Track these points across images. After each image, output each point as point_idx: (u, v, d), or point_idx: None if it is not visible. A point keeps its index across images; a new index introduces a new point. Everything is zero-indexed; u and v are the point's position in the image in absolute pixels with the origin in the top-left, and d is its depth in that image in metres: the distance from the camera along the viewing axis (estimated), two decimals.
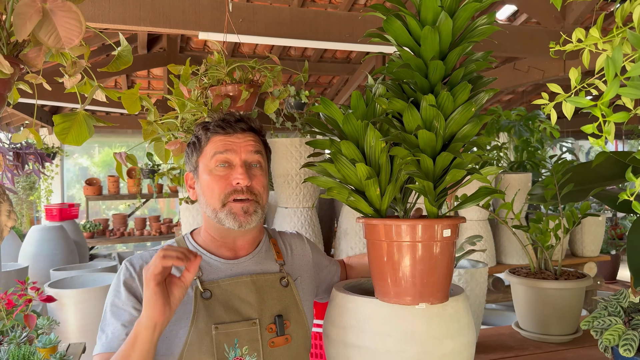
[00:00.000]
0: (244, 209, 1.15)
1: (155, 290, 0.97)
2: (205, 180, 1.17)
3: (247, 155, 1.17)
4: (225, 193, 1.15)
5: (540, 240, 1.77)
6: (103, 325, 1.10)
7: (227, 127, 1.17)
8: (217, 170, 1.16)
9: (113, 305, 1.11)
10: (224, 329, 1.11)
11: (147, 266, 0.99)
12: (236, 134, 1.18)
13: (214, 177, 1.16)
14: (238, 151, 1.17)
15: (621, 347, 1.18)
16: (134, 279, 1.13)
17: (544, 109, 0.91)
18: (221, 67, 1.73)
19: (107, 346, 1.07)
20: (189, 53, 5.88)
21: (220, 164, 1.16)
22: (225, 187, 1.15)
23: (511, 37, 3.48)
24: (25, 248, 4.78)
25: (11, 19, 0.88)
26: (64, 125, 1.06)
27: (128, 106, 1.53)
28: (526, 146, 3.23)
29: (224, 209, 1.15)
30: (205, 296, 1.13)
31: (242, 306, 1.15)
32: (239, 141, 1.17)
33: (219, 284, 1.15)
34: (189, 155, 1.23)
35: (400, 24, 0.99)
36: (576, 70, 0.85)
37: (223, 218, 1.15)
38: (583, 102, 0.82)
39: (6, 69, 0.85)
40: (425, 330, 1.01)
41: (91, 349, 3.48)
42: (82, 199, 6.98)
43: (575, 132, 8.79)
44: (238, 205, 1.15)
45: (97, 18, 2.39)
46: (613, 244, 6.12)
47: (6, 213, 1.25)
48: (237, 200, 1.15)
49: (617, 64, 0.77)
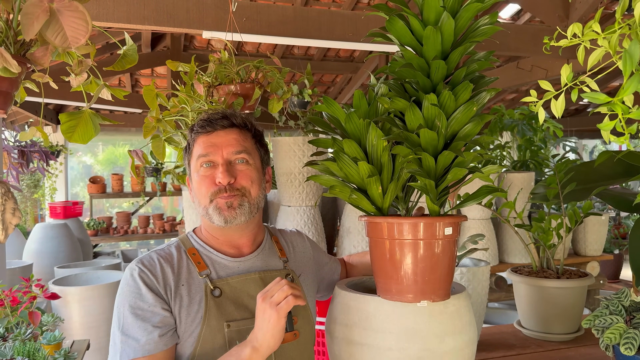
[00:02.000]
0: (227, 203, 1.16)
1: (282, 323, 1.02)
2: (195, 181, 1.20)
3: (228, 154, 1.18)
4: (212, 192, 1.17)
5: (543, 239, 1.77)
6: (125, 330, 1.07)
7: (208, 126, 1.19)
8: (202, 170, 1.18)
9: (136, 308, 1.08)
10: (235, 326, 1.12)
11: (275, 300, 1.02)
12: (217, 131, 1.19)
13: (201, 177, 1.18)
14: (219, 151, 1.18)
15: (622, 345, 1.19)
16: (152, 281, 1.11)
17: (531, 107, 0.90)
18: (231, 65, 1.74)
19: (143, 350, 1.05)
20: (192, 51, 5.89)
21: (205, 164, 1.18)
22: (210, 187, 1.17)
23: (514, 35, 3.48)
24: (30, 245, 4.81)
25: (18, 18, 0.90)
26: (70, 124, 1.07)
27: (149, 102, 1.58)
28: (529, 145, 3.22)
29: (210, 204, 1.17)
30: (215, 294, 1.14)
31: (252, 303, 1.16)
32: (221, 140, 1.18)
33: (228, 281, 1.16)
34: (184, 158, 1.27)
35: (402, 23, 1.00)
36: (568, 66, 0.84)
37: (211, 214, 1.17)
38: (600, 98, 0.80)
39: (14, 68, 0.86)
40: (427, 328, 1.02)
41: (95, 345, 3.47)
42: (86, 196, 7.02)
43: (579, 131, 8.78)
44: (222, 200, 1.16)
45: (102, 17, 2.41)
46: (616, 243, 6.10)
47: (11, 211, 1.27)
48: (221, 198, 1.17)
49: (635, 59, 0.75)
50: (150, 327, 1.07)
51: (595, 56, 0.84)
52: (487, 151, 1.07)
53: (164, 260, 1.15)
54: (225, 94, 1.75)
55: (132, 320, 1.08)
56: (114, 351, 1.08)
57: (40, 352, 1.96)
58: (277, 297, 1.02)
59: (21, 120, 6.11)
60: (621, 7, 0.84)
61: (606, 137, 0.84)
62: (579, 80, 0.84)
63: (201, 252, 1.20)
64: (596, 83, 0.84)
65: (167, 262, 1.15)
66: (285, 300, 1.02)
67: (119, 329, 1.08)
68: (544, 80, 0.91)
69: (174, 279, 1.13)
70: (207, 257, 1.19)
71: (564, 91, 0.86)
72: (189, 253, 1.19)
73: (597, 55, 0.84)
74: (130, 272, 1.13)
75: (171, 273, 1.13)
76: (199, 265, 1.17)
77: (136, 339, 1.06)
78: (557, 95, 0.87)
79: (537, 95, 0.89)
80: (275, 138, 2.22)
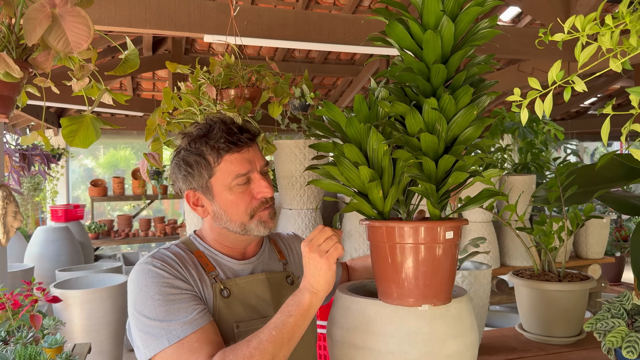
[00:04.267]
0: (270, 215, 1.18)
1: (334, 269, 1.04)
2: (227, 199, 1.15)
3: (261, 167, 1.18)
4: (253, 207, 1.16)
5: (544, 242, 1.77)
6: (162, 317, 1.04)
7: (237, 142, 1.14)
8: (238, 188, 1.15)
9: (167, 294, 1.06)
10: (244, 327, 1.12)
11: (324, 248, 1.03)
12: (246, 147, 1.16)
13: (237, 194, 1.15)
14: (255, 165, 1.16)
15: (624, 349, 1.18)
16: (173, 269, 1.10)
17: (514, 106, 0.89)
18: (237, 69, 1.75)
19: (192, 326, 1.03)
20: (193, 55, 5.91)
21: (241, 183, 1.15)
22: (251, 202, 1.15)
23: (515, 38, 3.48)
24: (31, 249, 4.82)
25: (21, 23, 0.90)
26: (71, 128, 1.07)
27: (167, 102, 1.62)
28: (530, 148, 3.22)
29: (252, 220, 1.16)
30: (224, 294, 1.14)
31: (259, 303, 1.17)
32: (251, 155, 1.16)
33: (236, 282, 1.16)
34: (191, 175, 1.16)
35: (402, 28, 1.00)
36: (557, 64, 0.83)
37: (252, 228, 1.16)
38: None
39: (16, 73, 0.87)
40: (428, 332, 1.02)
41: (96, 349, 3.46)
42: (87, 200, 7.03)
43: (580, 134, 8.78)
44: (265, 212, 1.17)
45: (104, 21, 2.41)
46: (618, 246, 6.09)
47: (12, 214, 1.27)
48: (263, 210, 1.17)
49: None
50: (189, 306, 1.06)
51: (588, 52, 0.83)
52: (487, 154, 1.07)
53: (175, 256, 1.14)
54: (230, 97, 1.76)
55: (167, 306, 1.05)
56: (153, 341, 1.04)
57: (42, 356, 1.96)
58: (324, 245, 1.03)
59: (22, 124, 6.12)
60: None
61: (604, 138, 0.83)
62: (570, 78, 0.83)
63: (207, 254, 1.20)
64: (597, 86, 0.83)
65: (178, 258, 1.14)
66: (334, 247, 1.03)
67: (155, 319, 1.04)
68: (533, 78, 0.90)
69: (186, 274, 1.13)
70: (213, 259, 1.20)
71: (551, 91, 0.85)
72: (196, 255, 1.18)
73: (589, 52, 0.83)
74: (145, 267, 1.10)
75: (183, 269, 1.13)
76: (207, 267, 1.17)
77: (179, 320, 1.04)
78: (545, 94, 0.86)
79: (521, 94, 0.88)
80: (276, 141, 2.22)
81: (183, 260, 1.14)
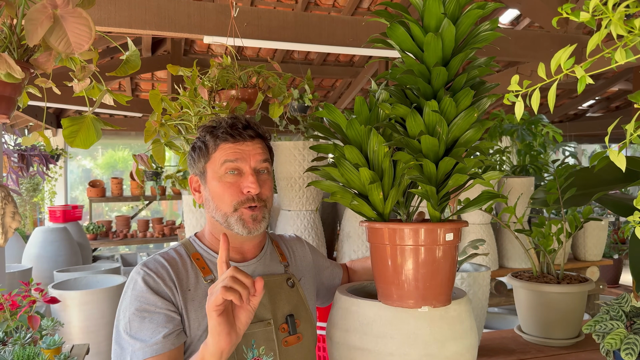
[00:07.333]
0: (253, 216, 1.15)
1: (219, 321, 0.95)
2: (215, 187, 1.17)
3: (256, 163, 1.17)
4: (238, 201, 1.15)
5: (543, 244, 1.77)
6: (132, 332, 1.07)
7: (236, 135, 1.16)
8: (227, 177, 1.16)
9: (142, 311, 1.08)
10: None
11: (208, 296, 0.96)
12: (245, 141, 1.17)
13: (224, 184, 1.16)
14: (247, 159, 1.16)
15: (623, 351, 1.19)
16: (158, 283, 1.11)
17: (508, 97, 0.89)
18: (233, 70, 1.75)
19: (151, 350, 1.04)
20: (192, 56, 5.91)
21: (230, 171, 1.16)
22: (236, 195, 1.15)
23: (514, 41, 3.49)
24: (29, 249, 4.81)
25: (22, 24, 0.90)
26: (72, 129, 1.08)
27: (155, 105, 1.60)
28: (529, 150, 3.23)
29: (235, 213, 1.15)
30: None
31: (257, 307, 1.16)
32: (248, 149, 1.17)
33: None
34: (194, 160, 1.22)
35: (403, 30, 1.00)
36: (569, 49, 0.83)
37: (233, 223, 1.15)
38: None
39: (17, 74, 0.87)
40: (428, 333, 1.02)
41: (95, 350, 3.46)
42: (85, 200, 7.02)
43: (578, 136, 8.79)
44: (248, 212, 1.15)
45: (104, 22, 2.41)
46: (616, 248, 6.11)
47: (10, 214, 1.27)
48: (248, 208, 1.16)
49: None
50: (157, 328, 1.07)
51: (596, 39, 0.82)
52: (487, 156, 1.07)
53: (168, 263, 1.15)
54: (227, 98, 1.76)
55: (138, 322, 1.07)
56: (121, 353, 1.07)
57: (40, 357, 1.95)
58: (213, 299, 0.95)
59: (21, 124, 6.11)
60: None
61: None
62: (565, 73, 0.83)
63: (205, 257, 1.20)
64: (595, 89, 0.83)
65: (172, 265, 1.15)
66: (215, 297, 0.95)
67: (126, 332, 1.07)
68: (515, 75, 0.89)
69: (180, 282, 1.13)
70: (211, 262, 1.19)
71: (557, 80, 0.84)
72: (193, 258, 1.18)
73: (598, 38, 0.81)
74: (135, 276, 1.13)
75: (176, 276, 1.13)
76: (204, 270, 1.16)
77: (143, 340, 1.06)
78: (532, 92, 0.86)
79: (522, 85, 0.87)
80: (275, 142, 2.22)
81: (176, 267, 1.15)
